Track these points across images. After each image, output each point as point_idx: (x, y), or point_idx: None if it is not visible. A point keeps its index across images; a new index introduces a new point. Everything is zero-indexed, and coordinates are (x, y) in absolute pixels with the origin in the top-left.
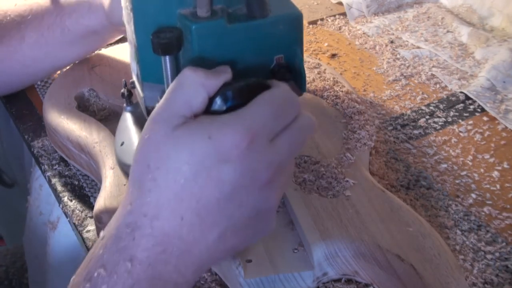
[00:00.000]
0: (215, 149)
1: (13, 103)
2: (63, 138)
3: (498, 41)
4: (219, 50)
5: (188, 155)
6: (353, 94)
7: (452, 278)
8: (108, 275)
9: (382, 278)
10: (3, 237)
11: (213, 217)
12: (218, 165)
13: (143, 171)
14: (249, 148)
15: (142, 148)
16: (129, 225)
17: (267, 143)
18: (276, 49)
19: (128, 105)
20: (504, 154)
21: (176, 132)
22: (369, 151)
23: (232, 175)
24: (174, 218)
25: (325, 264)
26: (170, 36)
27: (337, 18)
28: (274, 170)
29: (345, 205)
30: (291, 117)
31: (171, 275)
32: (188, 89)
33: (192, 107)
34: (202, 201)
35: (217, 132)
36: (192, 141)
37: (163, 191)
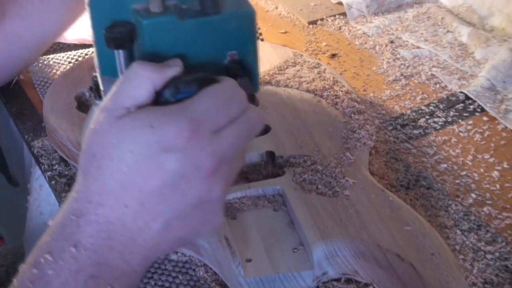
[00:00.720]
0: (157, 138)
1: (13, 103)
2: (63, 138)
3: (498, 41)
4: (171, 45)
5: (131, 144)
6: (353, 94)
7: (452, 278)
8: (54, 261)
9: (382, 277)
10: (3, 237)
11: (157, 206)
12: (161, 153)
13: (89, 160)
14: (191, 138)
15: (88, 138)
16: (74, 212)
17: (211, 134)
18: (229, 45)
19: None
20: (504, 154)
21: (120, 121)
22: (368, 150)
23: (174, 164)
24: (118, 205)
25: (325, 263)
26: (123, 30)
27: (337, 18)
28: (218, 161)
29: (345, 205)
30: (236, 111)
31: (117, 263)
32: (133, 82)
33: (137, 99)
34: (145, 189)
35: (159, 121)
36: (135, 130)
37: (107, 179)
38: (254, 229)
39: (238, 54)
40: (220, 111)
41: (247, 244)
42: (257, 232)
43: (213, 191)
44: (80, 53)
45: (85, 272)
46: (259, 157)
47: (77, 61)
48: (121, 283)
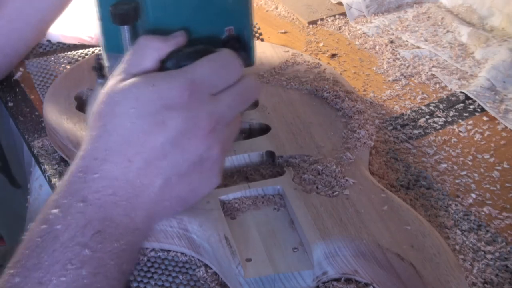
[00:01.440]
0: (159, 95)
1: (13, 103)
2: (63, 138)
3: (498, 41)
4: (172, 21)
5: (133, 101)
6: (353, 94)
7: (452, 277)
8: (63, 216)
9: (382, 277)
10: (3, 237)
11: (159, 161)
12: (162, 111)
13: (95, 119)
14: (190, 97)
15: (97, 101)
16: (80, 170)
17: (209, 96)
18: (226, 21)
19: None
20: (504, 154)
21: (124, 82)
22: (368, 150)
23: (175, 120)
24: (122, 161)
25: (325, 263)
26: (127, 7)
27: (337, 18)
28: (215, 120)
29: (345, 204)
30: (233, 77)
31: (121, 219)
32: (140, 52)
33: (143, 67)
34: (147, 144)
35: (161, 81)
36: (137, 88)
37: (112, 135)
38: (254, 229)
39: (235, 29)
40: (218, 75)
41: (247, 244)
42: (257, 232)
43: (212, 149)
44: (80, 53)
45: (92, 227)
46: (259, 157)
47: (77, 61)
48: (126, 240)
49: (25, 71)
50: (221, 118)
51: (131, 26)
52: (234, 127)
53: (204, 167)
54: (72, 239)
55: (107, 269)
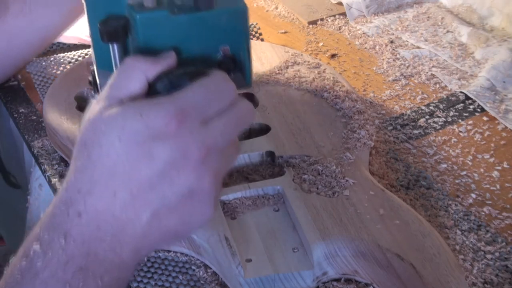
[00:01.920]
0: (146, 126)
1: (13, 103)
2: (63, 138)
3: (498, 41)
4: (164, 40)
5: (119, 131)
6: (353, 94)
7: (452, 277)
8: (43, 252)
9: (382, 277)
10: (3, 237)
11: (145, 194)
12: (149, 141)
13: (80, 149)
14: (179, 127)
15: (82, 128)
16: (64, 202)
17: (199, 124)
18: (221, 41)
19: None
20: (504, 154)
21: (110, 110)
22: (368, 150)
23: (163, 152)
24: (107, 194)
25: (325, 263)
26: (116, 24)
27: (337, 18)
28: (206, 150)
29: (345, 205)
30: (226, 103)
31: (106, 254)
32: (126, 74)
33: (130, 90)
34: (133, 177)
35: (148, 110)
36: (124, 117)
37: (96, 167)
38: (254, 229)
39: (230, 49)
40: (209, 101)
41: (247, 244)
42: (257, 232)
43: (202, 180)
44: (80, 53)
45: (74, 264)
46: (259, 157)
47: (77, 61)
48: (111, 276)
49: (25, 71)
50: (213, 146)
51: (121, 44)
52: (229, 153)
53: (195, 199)
54: (53, 276)
55: None
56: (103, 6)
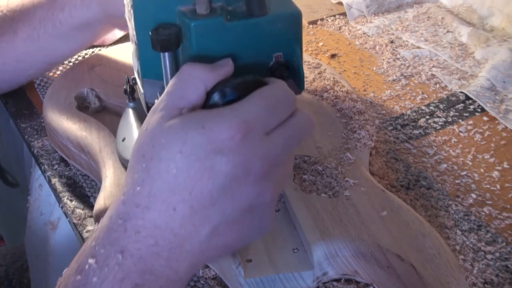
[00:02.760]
0: (209, 139)
1: (13, 103)
2: (63, 138)
3: (498, 41)
4: (217, 47)
5: (180, 145)
6: (353, 94)
7: (452, 278)
8: (99, 268)
9: (382, 277)
10: (3, 237)
11: (206, 210)
12: (212, 155)
13: (138, 161)
14: (243, 140)
15: (139, 139)
16: (121, 216)
17: (262, 136)
18: (274, 47)
19: (130, 101)
20: (504, 154)
21: (170, 122)
22: (369, 151)
23: (226, 166)
24: (166, 209)
25: (325, 263)
26: (169, 33)
27: (337, 18)
28: (269, 164)
29: (345, 205)
30: (287, 113)
31: (163, 270)
32: (185, 82)
33: (189, 100)
34: (194, 192)
35: (211, 122)
36: (186, 130)
37: (156, 181)
38: None
39: (283, 55)
40: (271, 113)
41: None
42: None
43: (264, 195)
44: (80, 53)
45: (130, 280)
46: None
47: (77, 61)
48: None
49: None
50: (275, 160)
51: (172, 53)
52: (287, 168)
53: (255, 213)
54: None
55: None
56: (153, 14)
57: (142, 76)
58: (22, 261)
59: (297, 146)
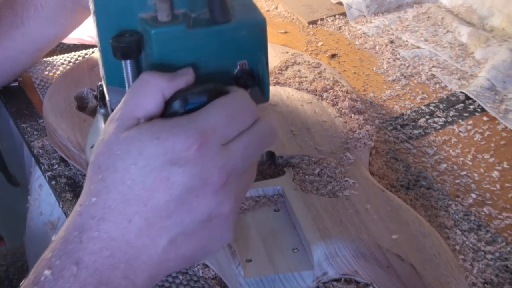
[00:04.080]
0: (164, 150)
1: (13, 103)
2: (63, 138)
3: (498, 41)
4: (179, 55)
5: (135, 156)
6: (353, 94)
7: (452, 278)
8: (54, 279)
9: (382, 277)
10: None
11: (162, 221)
12: (167, 166)
13: (94, 172)
14: (199, 150)
15: (96, 150)
16: (77, 227)
17: (220, 147)
18: (239, 54)
19: (101, 107)
20: (504, 154)
21: (126, 132)
22: (369, 151)
23: (182, 177)
24: (121, 221)
25: (325, 263)
26: (130, 40)
27: (337, 18)
28: (227, 174)
29: (345, 205)
30: (247, 123)
31: (120, 282)
32: (142, 91)
33: (146, 109)
34: (150, 204)
35: (167, 133)
36: (141, 141)
37: (111, 192)
38: (254, 229)
39: (248, 63)
40: (230, 123)
41: (247, 244)
42: (257, 232)
43: (223, 206)
44: (80, 53)
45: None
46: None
47: (77, 61)
48: None
49: (25, 72)
50: (234, 170)
51: (134, 61)
52: (248, 176)
53: (214, 224)
54: None
55: None
56: (115, 21)
57: (107, 83)
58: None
59: (258, 154)
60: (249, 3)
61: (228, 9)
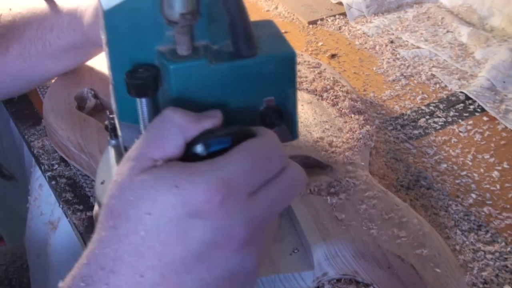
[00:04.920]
0: (183, 200)
1: (13, 103)
2: (63, 138)
3: (498, 41)
4: (200, 91)
5: (150, 204)
6: (353, 94)
7: (452, 278)
8: None
9: (382, 278)
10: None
11: (179, 278)
12: (186, 219)
13: (106, 217)
14: (223, 203)
15: (109, 192)
16: (84, 279)
17: (246, 198)
18: (265, 91)
19: (111, 138)
20: (504, 154)
21: (142, 175)
22: (369, 150)
23: (202, 231)
24: (132, 275)
25: (325, 264)
26: (146, 76)
27: (337, 18)
28: (253, 228)
29: (345, 205)
30: (275, 170)
31: None
32: (163, 130)
33: (165, 150)
34: (165, 258)
35: (186, 181)
36: (156, 188)
37: (122, 243)
38: None
39: (275, 100)
40: (257, 171)
41: None
42: None
43: (247, 262)
44: None
45: None
46: None
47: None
48: None
49: None
50: (261, 224)
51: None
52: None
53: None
54: None
55: None
56: (129, 53)
57: (119, 118)
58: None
59: (287, 204)
60: (277, 34)
61: (253, 42)
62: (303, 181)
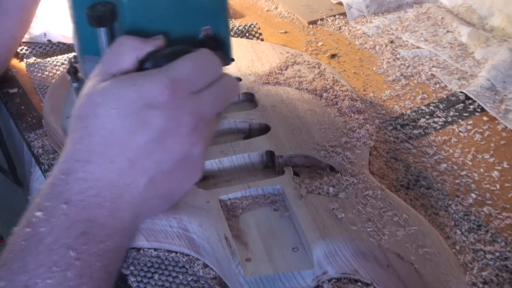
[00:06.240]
0: (140, 94)
1: (13, 103)
2: (63, 138)
3: (498, 41)
4: (150, 22)
5: (114, 101)
6: (353, 94)
7: (452, 277)
8: (46, 219)
9: (382, 277)
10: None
11: (142, 161)
12: (144, 110)
13: (77, 122)
14: (173, 95)
15: (77, 103)
16: (63, 172)
17: (191, 95)
18: (203, 21)
19: (74, 81)
20: (504, 154)
21: (104, 83)
22: (368, 150)
23: (158, 119)
24: (104, 162)
25: (324, 263)
26: (104, 9)
27: (337, 18)
28: (198, 119)
29: (345, 204)
30: (213, 77)
31: (106, 219)
32: (119, 51)
33: (121, 65)
34: (130, 144)
35: (142, 80)
36: (118, 88)
37: (93, 137)
38: (254, 229)
39: (211, 29)
40: (198, 74)
41: (247, 244)
42: (257, 232)
43: (195, 146)
44: None
45: (76, 229)
46: (259, 157)
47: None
48: (112, 241)
49: (25, 71)
50: (204, 116)
51: (108, 28)
52: (213, 126)
53: (188, 164)
54: (57, 241)
55: (93, 270)
56: None
57: (82, 53)
58: None
59: (224, 105)
60: None
61: None
62: (236, 88)
